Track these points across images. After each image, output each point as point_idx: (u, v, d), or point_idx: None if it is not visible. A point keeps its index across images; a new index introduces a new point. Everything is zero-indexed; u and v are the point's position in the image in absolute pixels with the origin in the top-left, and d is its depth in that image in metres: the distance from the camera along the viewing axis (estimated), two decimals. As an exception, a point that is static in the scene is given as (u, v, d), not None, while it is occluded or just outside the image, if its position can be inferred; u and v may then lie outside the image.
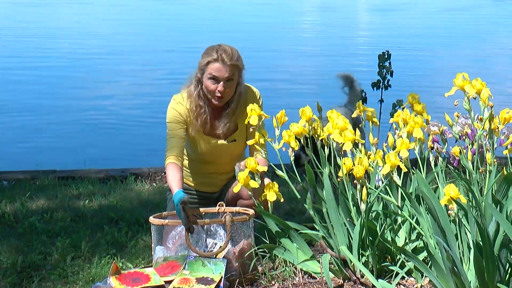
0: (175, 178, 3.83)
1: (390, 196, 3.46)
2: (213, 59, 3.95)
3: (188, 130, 4.08)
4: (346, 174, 3.44)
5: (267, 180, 3.90)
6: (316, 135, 3.69)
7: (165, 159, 3.97)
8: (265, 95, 4.24)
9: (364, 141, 3.62)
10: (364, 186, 3.37)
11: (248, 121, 3.67)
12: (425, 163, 3.55)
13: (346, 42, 16.09)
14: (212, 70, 3.95)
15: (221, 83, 3.95)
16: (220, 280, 3.41)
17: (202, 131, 4.08)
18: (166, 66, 12.47)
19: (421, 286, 3.31)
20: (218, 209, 3.86)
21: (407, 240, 3.51)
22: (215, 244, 3.67)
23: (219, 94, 3.97)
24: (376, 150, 3.62)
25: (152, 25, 19.19)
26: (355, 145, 3.55)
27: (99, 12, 22.68)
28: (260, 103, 4.13)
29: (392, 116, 5.95)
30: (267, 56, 13.67)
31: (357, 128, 3.68)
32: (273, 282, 3.51)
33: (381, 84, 6.45)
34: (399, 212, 3.47)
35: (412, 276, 3.39)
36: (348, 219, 3.49)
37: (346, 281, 3.44)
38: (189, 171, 4.27)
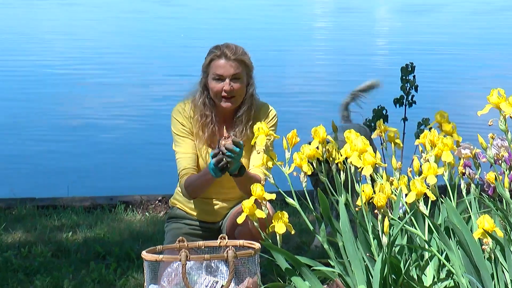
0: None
1: (415, 228, 3.45)
2: (215, 56, 4.03)
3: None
4: (365, 203, 3.44)
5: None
6: (331, 158, 3.69)
7: (179, 179, 4.06)
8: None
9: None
10: (386, 217, 3.36)
11: (254, 142, 3.67)
12: (456, 191, 3.55)
13: (363, 50, 16.11)
14: (216, 68, 4.01)
15: (227, 80, 3.99)
16: (222, 324, 3.40)
17: (209, 143, 4.10)
18: (160, 82, 12.50)
19: (452, 331, 3.30)
20: (220, 243, 3.86)
21: (435, 279, 3.50)
22: (216, 282, 3.67)
23: (225, 94, 4.00)
24: (400, 175, 3.62)
25: (147, 31, 19.24)
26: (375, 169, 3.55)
27: (85, 14, 22.78)
28: (274, 122, 4.15)
29: (417, 136, 5.96)
30: (275, 65, 13.70)
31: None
32: (282, 326, 3.50)
33: (404, 101, 6.45)
34: (426, 246, 3.46)
35: (441, 320, 3.38)
36: (367, 254, 3.48)
37: (366, 325, 3.43)
38: None
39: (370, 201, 3.42)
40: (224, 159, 3.79)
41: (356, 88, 5.72)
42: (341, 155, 3.59)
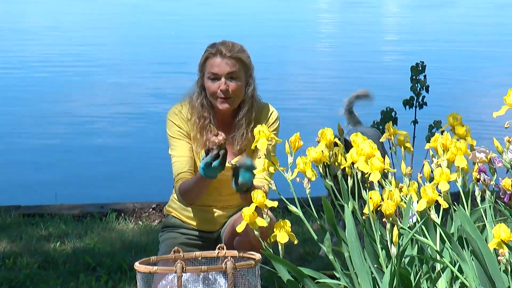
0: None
1: (426, 237, 3.45)
2: (210, 54, 4.05)
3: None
4: (373, 211, 3.44)
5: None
6: (337, 163, 3.69)
7: (174, 184, 4.05)
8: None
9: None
10: (395, 226, 3.36)
11: (255, 146, 3.66)
12: (470, 198, 3.55)
13: (370, 48, 16.11)
14: (211, 66, 4.03)
15: (223, 79, 3.99)
16: None
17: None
18: (154, 83, 12.51)
19: None
20: (218, 253, 3.86)
21: (448, 292, 3.50)
22: (214, 296, 3.67)
23: (222, 95, 4.01)
24: (410, 181, 3.61)
25: (143, 28, 19.27)
26: (384, 175, 3.55)
27: (75, 9, 22.84)
28: (276, 126, 4.15)
29: (428, 140, 5.96)
30: (277, 62, 13.70)
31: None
32: None
33: (414, 102, 6.46)
34: (438, 257, 3.46)
35: (454, 336, 3.38)
36: (375, 265, 3.48)
37: None
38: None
39: (378, 209, 3.42)
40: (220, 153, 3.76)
41: (348, 98, 5.74)
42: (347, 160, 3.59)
